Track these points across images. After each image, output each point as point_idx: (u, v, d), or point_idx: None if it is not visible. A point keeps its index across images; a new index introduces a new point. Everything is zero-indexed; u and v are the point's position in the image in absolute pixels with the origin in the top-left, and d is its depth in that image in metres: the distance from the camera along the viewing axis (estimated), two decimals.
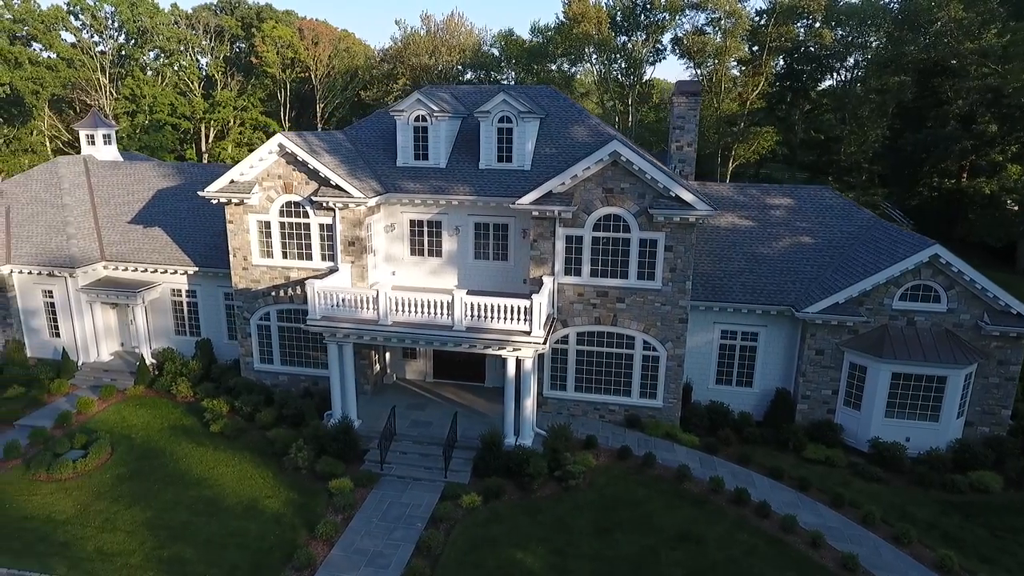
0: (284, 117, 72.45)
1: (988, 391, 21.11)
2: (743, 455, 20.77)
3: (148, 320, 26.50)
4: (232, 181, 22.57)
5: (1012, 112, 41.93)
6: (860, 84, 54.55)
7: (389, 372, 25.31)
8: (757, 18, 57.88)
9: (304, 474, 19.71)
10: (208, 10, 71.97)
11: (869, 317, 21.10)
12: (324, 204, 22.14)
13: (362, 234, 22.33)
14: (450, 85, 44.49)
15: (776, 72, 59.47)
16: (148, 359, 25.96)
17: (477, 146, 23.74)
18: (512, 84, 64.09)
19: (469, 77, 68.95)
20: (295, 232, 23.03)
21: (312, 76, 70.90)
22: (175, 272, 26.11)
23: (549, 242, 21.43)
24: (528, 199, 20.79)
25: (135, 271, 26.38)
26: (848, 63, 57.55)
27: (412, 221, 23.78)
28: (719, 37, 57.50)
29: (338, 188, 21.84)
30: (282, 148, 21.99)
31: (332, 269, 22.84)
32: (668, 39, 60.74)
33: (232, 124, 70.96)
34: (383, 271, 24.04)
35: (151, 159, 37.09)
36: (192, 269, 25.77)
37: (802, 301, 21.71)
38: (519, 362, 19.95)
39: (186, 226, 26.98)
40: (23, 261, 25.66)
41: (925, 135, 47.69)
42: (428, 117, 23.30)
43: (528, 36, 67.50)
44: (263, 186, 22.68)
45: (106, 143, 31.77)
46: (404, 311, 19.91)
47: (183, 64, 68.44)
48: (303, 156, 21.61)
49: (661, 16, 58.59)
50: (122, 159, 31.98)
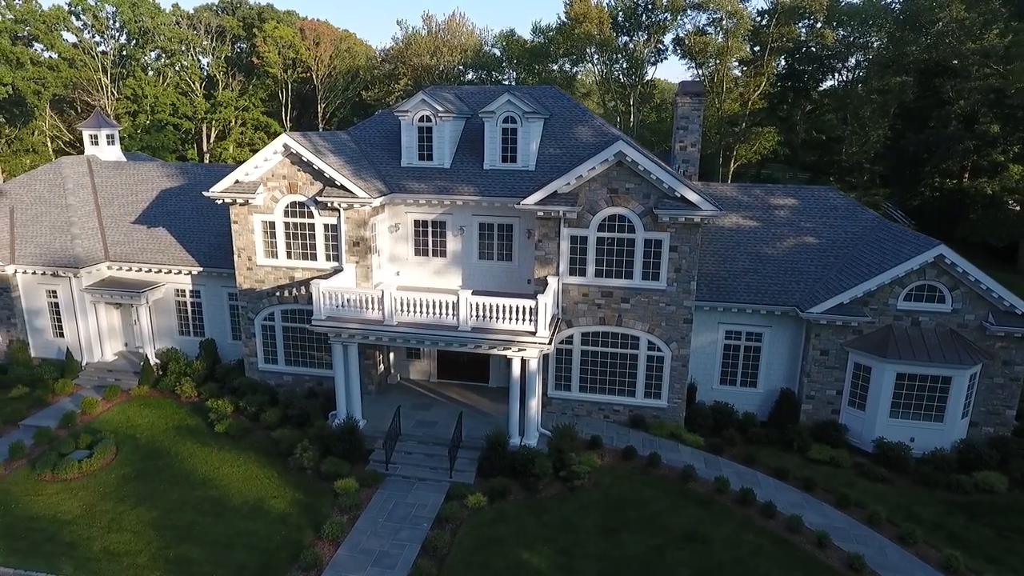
0: (285, 117, 72.43)
1: (993, 391, 21.12)
2: (748, 455, 20.78)
3: (152, 320, 26.48)
4: (237, 181, 22.59)
5: (1014, 112, 41.96)
6: (861, 84, 54.53)
7: (393, 372, 25.31)
8: (759, 18, 57.87)
9: (309, 474, 19.72)
10: (209, 10, 71.96)
11: (874, 317, 21.10)
12: (329, 204, 22.15)
13: (367, 234, 22.34)
14: (452, 85, 44.48)
15: (777, 72, 59.45)
16: (152, 359, 25.95)
17: (481, 146, 23.76)
18: (513, 84, 64.11)
19: (470, 77, 68.94)
20: (299, 232, 23.05)
21: (313, 76, 70.89)
22: (179, 272, 26.11)
23: (554, 242, 21.44)
24: (533, 199, 20.79)
25: (139, 271, 26.39)
26: (849, 63, 57.59)
27: (416, 221, 23.80)
28: (721, 37, 57.49)
29: (343, 188, 21.86)
30: (287, 148, 22.00)
31: (336, 269, 22.85)
32: (670, 39, 60.85)
33: (233, 124, 70.95)
34: (387, 271, 24.06)
35: (155, 159, 37.10)
36: (196, 269, 25.77)
37: (807, 301, 21.72)
38: (524, 362, 19.95)
39: (190, 226, 26.99)
40: (27, 261, 25.67)
41: (927, 135, 47.72)
42: (432, 117, 23.31)
43: (529, 36, 67.61)
44: (268, 186, 22.70)
45: (109, 143, 31.75)
46: (409, 311, 19.92)
47: (184, 64, 68.41)
48: (308, 156, 21.62)
49: (663, 16, 58.62)
50: (125, 159, 31.98)
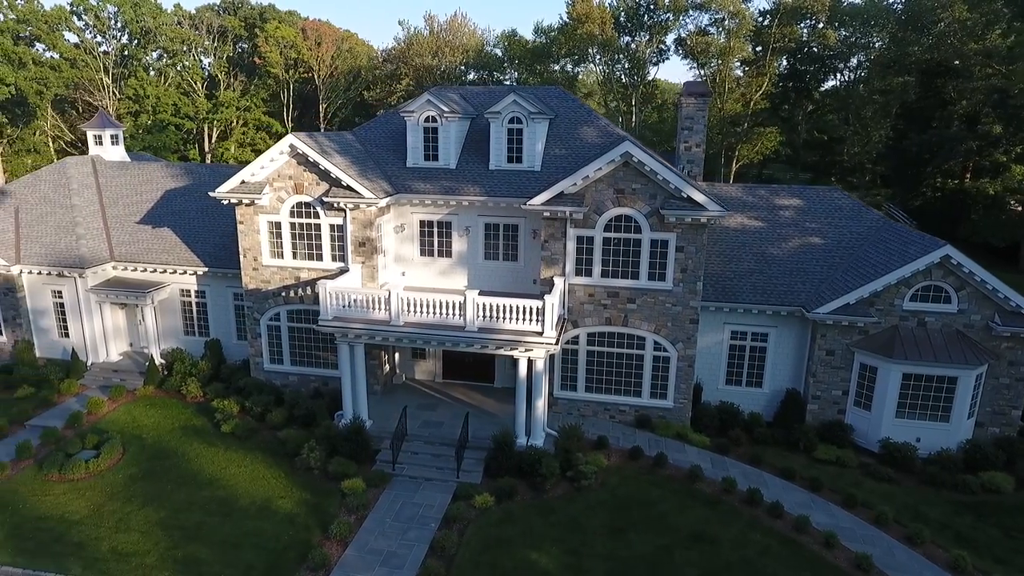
0: (287, 117, 72.45)
1: (999, 392, 21.15)
2: (754, 455, 20.80)
3: (157, 320, 26.49)
4: (243, 182, 22.60)
5: (1017, 112, 41.98)
6: (863, 85, 54.57)
7: (398, 372, 25.32)
8: (760, 18, 57.91)
9: (316, 474, 19.73)
10: (211, 10, 71.97)
11: (880, 318, 21.12)
12: (335, 205, 22.16)
13: (372, 235, 22.36)
14: (453, 86, 44.54)
15: (779, 72, 59.47)
16: (157, 359, 25.96)
17: (487, 147, 23.77)
18: (514, 85, 64.13)
19: (472, 78, 68.98)
20: (305, 233, 23.06)
21: (315, 76, 70.91)
22: (184, 272, 26.13)
23: (560, 243, 21.45)
24: (540, 200, 20.81)
25: (144, 271, 26.41)
26: (851, 63, 57.63)
27: (422, 222, 23.80)
28: (723, 38, 57.55)
29: (349, 189, 21.87)
30: (293, 149, 22.01)
31: (342, 270, 22.86)
32: (671, 39, 60.92)
33: (235, 124, 70.99)
34: (393, 272, 24.07)
35: (159, 159, 37.09)
36: (201, 269, 25.79)
37: (812, 302, 21.74)
38: (531, 363, 19.97)
39: (195, 227, 27.01)
40: (32, 261, 25.68)
41: (930, 136, 47.74)
42: (438, 118, 23.32)
43: (531, 36, 67.68)
44: (274, 187, 22.71)
45: (113, 143, 31.74)
46: (416, 312, 19.94)
47: (186, 64, 68.46)
48: (314, 157, 21.64)
49: (665, 16, 58.68)
50: (129, 159, 31.98)
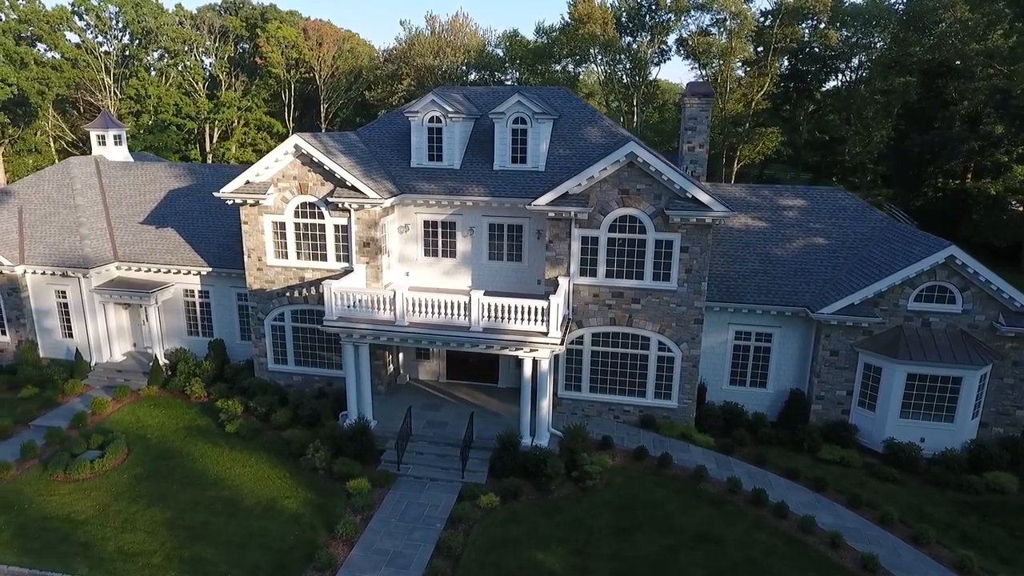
0: (288, 118, 72.45)
1: (1003, 392, 21.16)
2: (759, 456, 20.81)
3: (161, 320, 26.50)
4: (248, 182, 22.62)
5: (1019, 113, 41.99)
6: (865, 85, 54.58)
7: (402, 373, 25.34)
8: (762, 19, 57.93)
9: (321, 474, 19.74)
10: (212, 11, 71.96)
11: (884, 318, 21.14)
12: (339, 205, 22.17)
13: (377, 235, 22.37)
14: (455, 86, 44.57)
15: (781, 73, 59.49)
16: (161, 359, 25.97)
17: (491, 147, 23.78)
18: (517, 85, 64.15)
19: (473, 78, 68.99)
20: (310, 233, 23.06)
21: (316, 77, 70.90)
22: (188, 273, 26.14)
23: (565, 243, 21.46)
24: (544, 200, 20.82)
25: (148, 272, 26.41)
26: (853, 64, 57.66)
27: (426, 222, 23.81)
28: (724, 38, 57.56)
29: (354, 189, 21.88)
30: (298, 149, 22.02)
31: (347, 270, 22.87)
32: (673, 40, 60.93)
33: (236, 124, 70.98)
34: (397, 272, 24.08)
35: (162, 159, 37.11)
36: (205, 270, 25.79)
37: (817, 302, 21.75)
38: (535, 363, 19.97)
39: (199, 227, 27.02)
40: (36, 262, 25.69)
41: (932, 136, 47.76)
42: (443, 118, 23.33)
43: (532, 37, 67.70)
44: (278, 187, 22.72)
45: (116, 144, 31.72)
46: (421, 312, 19.94)
47: (187, 64, 68.45)
48: (319, 157, 21.64)
49: (666, 17, 58.69)
50: (132, 160, 31.98)
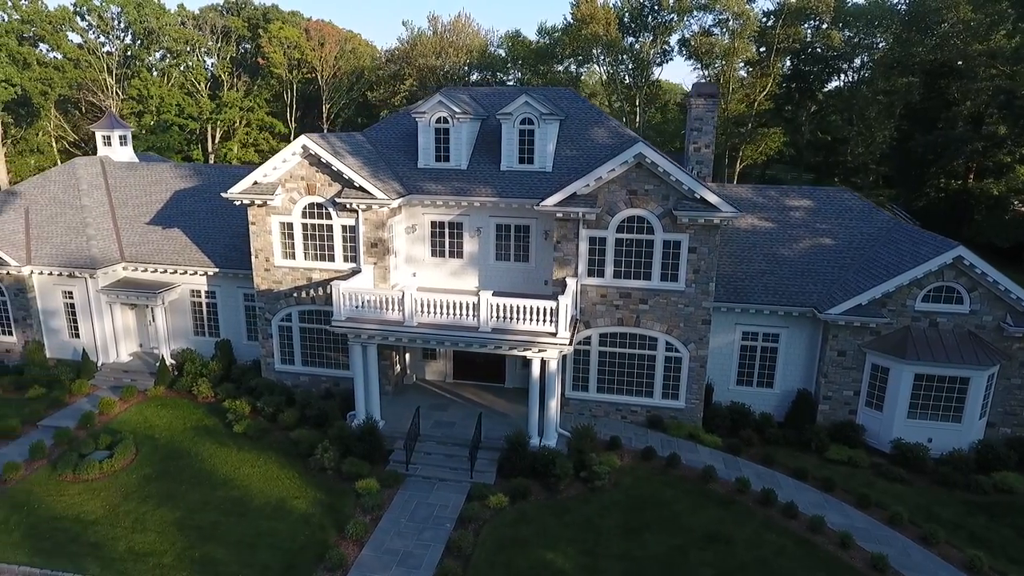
0: (290, 118, 72.46)
1: (1010, 392, 21.20)
2: (766, 456, 20.83)
3: (167, 321, 26.51)
4: (255, 183, 22.64)
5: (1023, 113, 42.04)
6: (867, 85, 54.62)
7: (409, 373, 25.36)
8: (764, 19, 57.96)
9: (330, 475, 19.76)
10: (215, 11, 72.01)
11: (892, 318, 21.17)
12: (347, 206, 22.20)
13: (384, 235, 22.40)
14: (458, 86, 44.58)
15: (783, 73, 59.52)
16: (168, 360, 25.98)
17: (497, 148, 23.81)
18: (519, 85, 64.19)
19: (475, 78, 69.01)
20: (317, 234, 23.09)
21: (318, 77, 70.92)
22: (194, 273, 26.15)
23: (572, 244, 21.49)
24: (553, 201, 20.85)
25: (154, 272, 26.42)
26: (855, 64, 57.71)
27: (433, 223, 23.83)
28: (727, 38, 57.58)
29: (361, 190, 21.90)
30: (306, 150, 22.04)
31: (354, 271, 22.90)
32: (675, 40, 60.96)
33: (238, 125, 71.00)
34: (404, 272, 24.10)
35: (167, 160, 37.13)
36: (212, 270, 25.81)
37: (824, 302, 21.78)
38: (544, 363, 20.00)
39: (205, 227, 27.04)
40: (43, 262, 25.70)
41: (935, 136, 47.80)
42: (450, 119, 23.36)
43: (535, 37, 67.71)
44: (286, 188, 22.74)
45: (122, 144, 31.76)
46: (429, 312, 19.97)
47: (190, 65, 68.48)
48: (327, 158, 21.67)
49: (669, 17, 58.71)
50: (137, 160, 32.01)
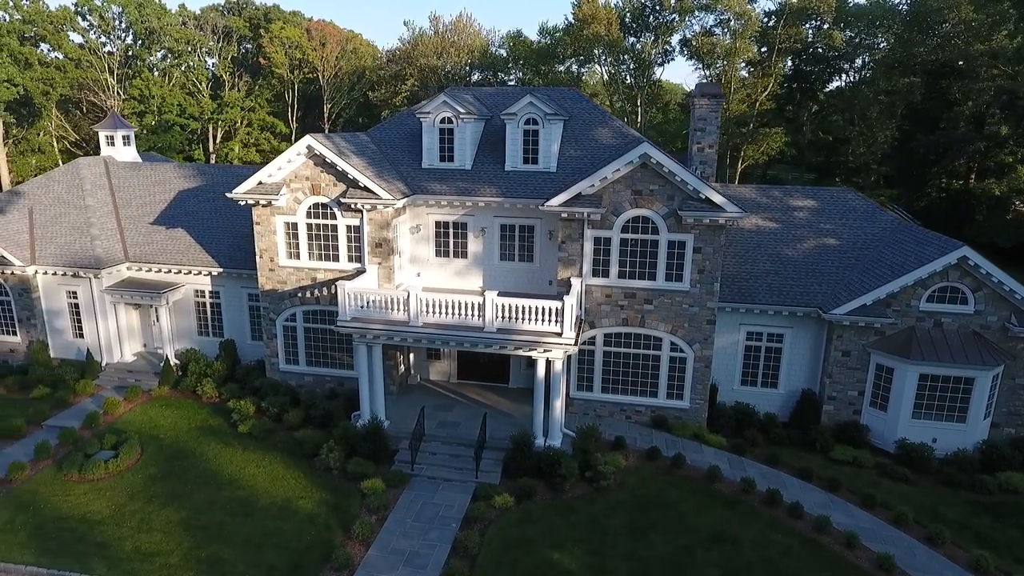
0: (291, 118, 72.45)
1: (1015, 392, 21.22)
2: (771, 456, 20.86)
3: (171, 321, 26.52)
4: (260, 183, 22.65)
5: None
6: (868, 85, 54.62)
7: (413, 373, 25.37)
8: (766, 19, 57.95)
9: (335, 475, 19.78)
10: (216, 11, 72.01)
11: (896, 319, 21.19)
12: (352, 206, 22.21)
13: (389, 235, 22.41)
14: (460, 86, 44.58)
15: (785, 73, 59.51)
16: (172, 360, 25.98)
17: (502, 148, 23.82)
18: (521, 86, 64.20)
19: (476, 78, 69.00)
20: (322, 234, 23.10)
21: (319, 77, 70.92)
22: (199, 273, 26.16)
23: (577, 244, 21.51)
24: (558, 201, 20.87)
25: (158, 272, 26.43)
26: (856, 64, 57.70)
27: (437, 223, 23.85)
28: (728, 38, 57.58)
29: (366, 190, 21.92)
30: (311, 150, 22.05)
31: (359, 271, 22.91)
32: (677, 40, 60.92)
33: (239, 125, 71.00)
34: (408, 272, 24.11)
35: (170, 160, 37.12)
36: (216, 270, 25.82)
37: (829, 303, 21.79)
38: (549, 363, 20.01)
39: (209, 227, 27.04)
40: (48, 262, 25.71)
41: (938, 137, 47.82)
42: (454, 119, 23.37)
43: (536, 37, 67.70)
44: (291, 188, 22.75)
45: (125, 144, 31.72)
46: (435, 312, 19.98)
47: (191, 65, 68.46)
48: (332, 158, 21.68)
49: (670, 17, 58.72)
50: (141, 160, 32.00)
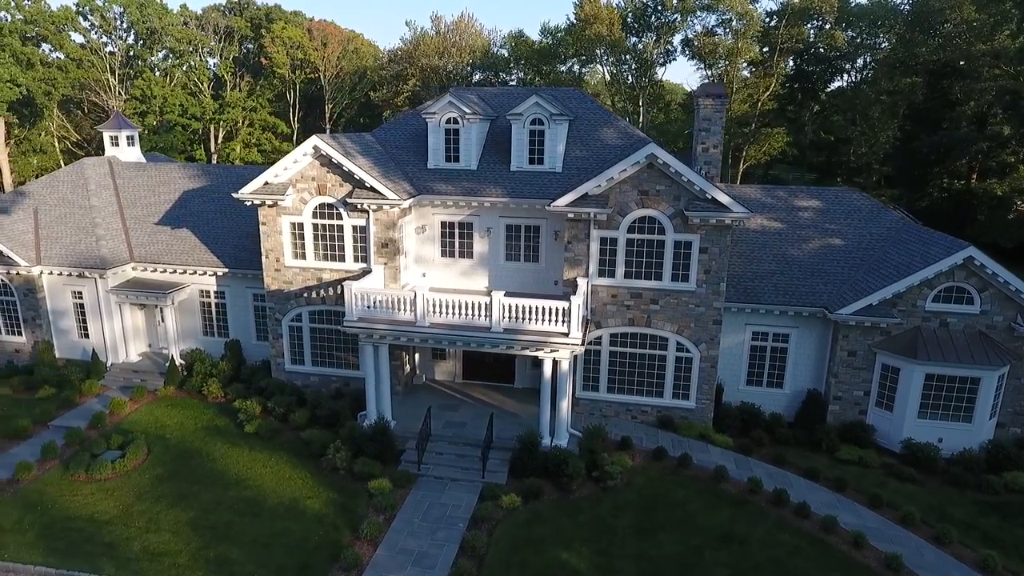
0: (292, 118, 72.44)
1: (1021, 392, 21.23)
2: (777, 456, 20.87)
3: (176, 321, 26.52)
4: (266, 183, 22.67)
5: None
6: (869, 85, 54.62)
7: (418, 373, 25.39)
8: (768, 19, 57.97)
9: (342, 474, 19.79)
10: (217, 11, 71.97)
11: (902, 319, 21.21)
12: (358, 206, 22.23)
13: (395, 236, 22.43)
14: (461, 87, 44.56)
15: (786, 73, 59.52)
16: (177, 360, 25.98)
17: (507, 148, 23.84)
18: (523, 86, 64.21)
19: (478, 78, 68.99)
20: (328, 234, 23.12)
21: (321, 77, 70.91)
22: (204, 273, 26.16)
23: (583, 244, 21.52)
24: (564, 201, 20.89)
25: (163, 272, 26.44)
26: (858, 64, 57.71)
27: (443, 223, 23.86)
28: (730, 38, 57.59)
29: (372, 190, 21.94)
30: (317, 151, 22.07)
31: (365, 271, 22.93)
32: (679, 40, 60.91)
33: (241, 125, 70.99)
34: (414, 272, 24.13)
35: (174, 160, 37.13)
36: (221, 270, 25.83)
37: (835, 303, 21.82)
38: (555, 363, 20.04)
39: (214, 227, 27.05)
40: (53, 262, 25.71)
41: (940, 136, 47.83)
42: (460, 119, 23.39)
43: (538, 37, 67.70)
44: (297, 188, 22.77)
45: (129, 144, 31.75)
46: (441, 313, 20.00)
47: (192, 65, 68.44)
48: (338, 158, 21.70)
49: (672, 17, 58.74)
50: (145, 160, 32.01)
